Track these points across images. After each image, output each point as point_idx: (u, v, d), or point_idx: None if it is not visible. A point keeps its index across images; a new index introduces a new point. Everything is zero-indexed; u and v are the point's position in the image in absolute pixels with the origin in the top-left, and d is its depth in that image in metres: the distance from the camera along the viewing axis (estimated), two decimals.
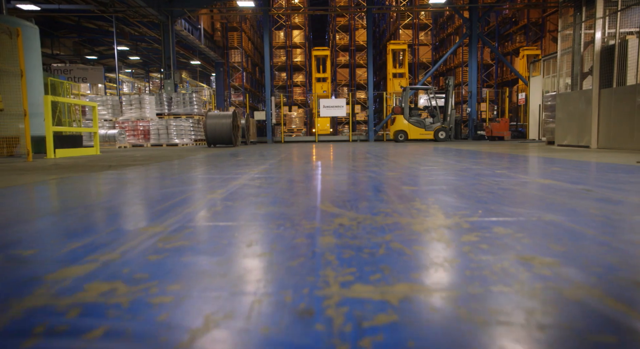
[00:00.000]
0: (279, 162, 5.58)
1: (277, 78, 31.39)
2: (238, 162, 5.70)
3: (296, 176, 3.66)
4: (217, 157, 7.20)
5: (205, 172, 4.06)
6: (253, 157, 7.03)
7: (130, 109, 16.27)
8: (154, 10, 18.10)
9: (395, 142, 17.35)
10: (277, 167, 4.76)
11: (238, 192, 2.63)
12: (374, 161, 5.56)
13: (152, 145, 16.01)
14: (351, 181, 3.24)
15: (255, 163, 5.52)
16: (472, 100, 19.78)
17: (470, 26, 19.39)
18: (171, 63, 19.69)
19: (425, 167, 4.41)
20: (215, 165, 5.03)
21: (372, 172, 3.98)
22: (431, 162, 5.06)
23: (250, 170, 4.36)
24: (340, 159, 6.24)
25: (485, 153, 7.17)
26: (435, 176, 3.43)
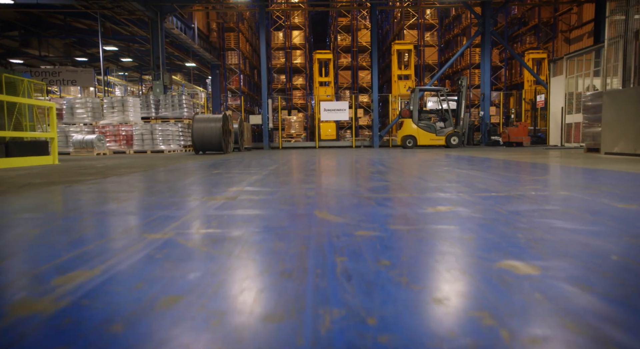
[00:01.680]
0: (264, 179, 4.07)
1: (276, 81, 29.98)
2: (209, 178, 4.20)
3: (278, 207, 2.18)
4: (191, 168, 5.73)
5: (149, 194, 2.59)
6: (236, 169, 5.54)
7: (112, 112, 14.82)
8: (141, 5, 16.69)
9: (402, 148, 15.86)
10: (258, 186, 3.27)
11: (173, 245, 1.14)
12: (378, 182, 4.06)
13: (136, 151, 14.54)
14: (352, 227, 1.74)
15: (230, 181, 4.02)
16: (485, 103, 18.30)
17: (482, 23, 17.93)
18: (160, 63, 18.26)
19: (454, 189, 2.91)
20: (175, 183, 3.56)
21: (381, 205, 2.48)
22: (463, 180, 3.56)
23: (215, 193, 2.86)
24: (341, 174, 4.73)
25: (518, 165, 5.66)
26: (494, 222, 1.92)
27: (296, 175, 4.58)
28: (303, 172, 5.05)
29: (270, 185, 3.52)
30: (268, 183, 3.67)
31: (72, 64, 31.62)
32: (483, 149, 13.88)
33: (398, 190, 2.98)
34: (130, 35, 24.67)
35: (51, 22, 25.75)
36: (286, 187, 3.30)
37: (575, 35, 26.74)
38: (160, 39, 18.11)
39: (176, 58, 31.86)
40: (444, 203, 2.34)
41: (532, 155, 8.54)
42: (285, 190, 3.09)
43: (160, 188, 3.37)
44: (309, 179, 4.00)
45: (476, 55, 29.54)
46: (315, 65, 23.05)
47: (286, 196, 2.75)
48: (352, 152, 13.19)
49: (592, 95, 8.20)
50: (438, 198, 2.52)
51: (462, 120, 15.55)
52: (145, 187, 3.46)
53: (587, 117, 8.43)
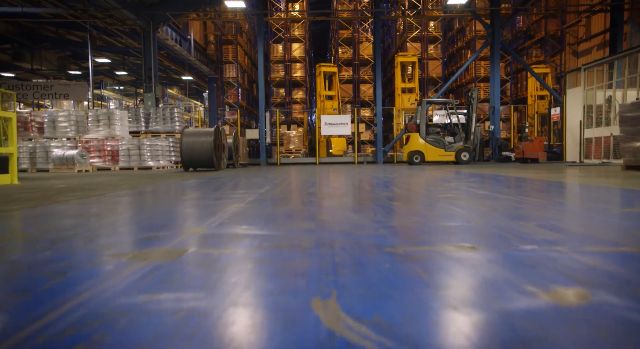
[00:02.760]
0: (245, 211, 2.99)
1: (275, 95, 29.10)
2: (173, 208, 3.12)
3: (247, 284, 1.10)
4: (163, 191, 4.65)
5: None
6: (218, 192, 4.47)
7: (97, 126, 13.80)
8: (132, 14, 15.83)
9: (409, 164, 14.80)
10: (232, 225, 2.19)
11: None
12: (401, 218, 2.98)
13: (122, 168, 13.48)
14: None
15: (199, 213, 2.94)
16: (495, 116, 17.31)
17: (492, 33, 17.04)
18: (152, 74, 17.34)
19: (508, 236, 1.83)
20: (119, 215, 2.48)
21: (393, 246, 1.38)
22: (500, 207, 2.47)
23: (159, 240, 1.77)
24: (347, 203, 3.66)
25: (562, 189, 4.58)
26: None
27: (290, 203, 3.49)
28: (299, 198, 3.96)
29: (250, 221, 2.43)
30: (248, 217, 2.58)
31: (66, 78, 30.84)
32: (497, 166, 12.81)
33: (437, 239, 1.89)
34: (124, 47, 23.85)
35: (44, 34, 24.98)
36: (271, 227, 2.21)
37: (583, 48, 25.93)
38: (153, 49, 17.21)
39: (173, 72, 31.05)
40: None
41: (561, 174, 7.45)
42: (269, 235, 1.99)
43: (85, 229, 2.27)
44: (306, 211, 2.90)
45: (481, 68, 28.73)
46: (319, 79, 22.17)
47: (267, 251, 1.65)
48: (355, 169, 12.12)
49: (632, 105, 7.17)
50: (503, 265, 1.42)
51: (473, 135, 14.52)
52: (67, 226, 2.36)
53: (626, 130, 7.38)
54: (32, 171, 13.14)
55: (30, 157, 13.18)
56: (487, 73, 28.80)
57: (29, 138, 13.58)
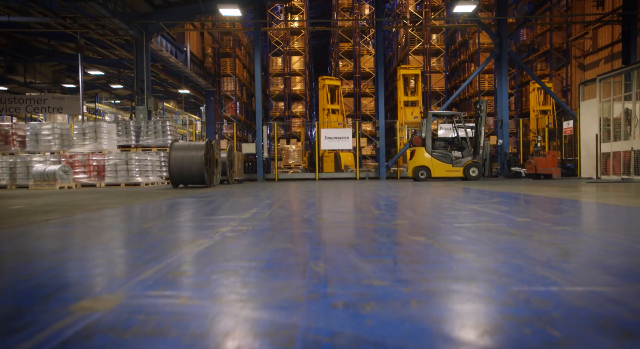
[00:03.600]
0: (215, 247, 2.12)
1: (275, 109, 28.41)
2: (119, 242, 2.25)
3: None
4: (130, 215, 3.79)
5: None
6: (193, 217, 3.60)
7: (83, 140, 12.99)
8: (124, 23, 15.15)
9: (414, 180, 13.94)
10: (191, 269, 1.33)
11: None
12: (407, 251, 2.10)
13: (108, 184, 12.62)
14: None
15: (158, 247, 2.07)
16: (504, 130, 16.50)
17: (499, 43, 16.32)
18: (145, 87, 16.62)
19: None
20: (46, 256, 1.63)
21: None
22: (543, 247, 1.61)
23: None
24: (351, 233, 2.78)
25: (617, 212, 3.72)
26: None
27: (275, 237, 2.61)
28: (289, 228, 3.08)
29: (205, 275, 1.55)
30: (206, 267, 1.70)
31: (61, 91, 30.21)
32: (509, 182, 11.94)
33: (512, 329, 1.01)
34: (118, 60, 23.21)
35: (37, 47, 24.42)
36: (230, 295, 1.33)
37: (590, 61, 25.29)
38: (146, 60, 16.51)
39: (170, 86, 30.44)
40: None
41: (594, 193, 6.58)
42: (221, 314, 1.12)
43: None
44: (294, 255, 2.03)
45: (485, 81, 28.10)
46: (322, 92, 21.49)
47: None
48: (357, 186, 11.25)
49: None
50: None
51: (482, 149, 13.68)
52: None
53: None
54: (12, 187, 12.29)
55: (10, 172, 12.34)
56: (492, 86, 28.14)
57: (10, 153, 12.76)
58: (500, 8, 16.28)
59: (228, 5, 13.18)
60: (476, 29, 27.35)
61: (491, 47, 28.29)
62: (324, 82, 22.09)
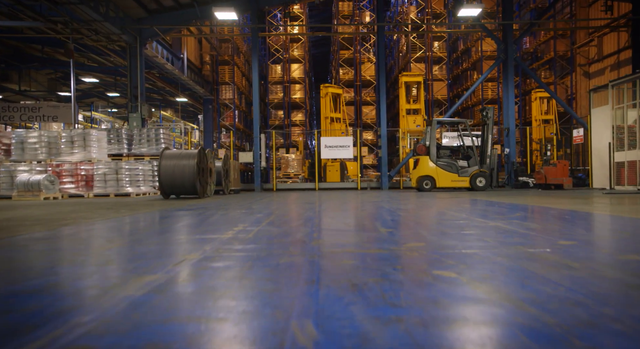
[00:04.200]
0: (174, 282, 1.48)
1: (274, 117, 27.89)
2: (54, 271, 1.63)
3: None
4: (84, 233, 3.17)
5: None
6: (168, 235, 2.98)
7: (72, 148, 12.40)
8: (116, 28, 14.65)
9: (418, 190, 13.32)
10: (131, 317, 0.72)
11: None
12: (432, 293, 1.45)
13: (97, 195, 11.99)
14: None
15: (110, 274, 1.42)
16: (510, 138, 15.90)
17: (504, 49, 15.79)
18: (139, 93, 16.08)
19: None
20: None
21: None
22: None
23: None
24: (346, 251, 2.14)
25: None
26: None
27: (259, 267, 1.98)
28: (278, 254, 2.44)
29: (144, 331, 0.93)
30: (150, 315, 1.07)
31: (56, 99, 29.73)
32: (519, 193, 11.31)
33: None
34: (114, 67, 22.72)
35: (32, 54, 23.97)
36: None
37: (595, 69, 24.80)
38: (140, 66, 16.00)
39: (168, 94, 29.95)
40: None
41: (614, 205, 5.95)
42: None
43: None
44: (277, 309, 1.40)
45: (488, 90, 27.59)
46: (324, 100, 20.97)
47: None
48: (359, 197, 10.62)
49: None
50: None
51: (489, 158, 13.07)
52: None
53: None
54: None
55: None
56: (495, 95, 27.63)
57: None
58: (505, 13, 15.78)
59: (224, 9, 12.67)
60: (479, 36, 26.92)
61: (494, 55, 27.85)
62: (327, 89, 21.58)
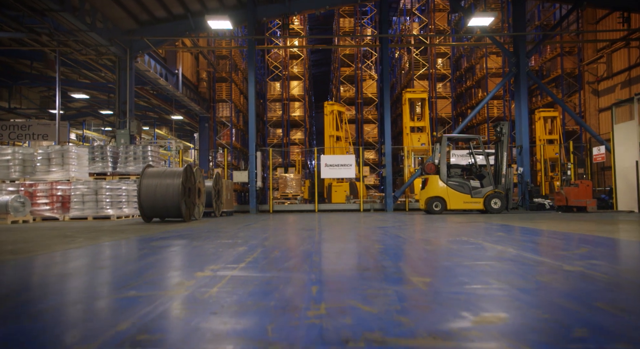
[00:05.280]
0: None
1: (272, 135, 26.93)
2: None
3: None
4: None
5: None
6: (96, 284, 1.88)
7: (48, 166, 11.33)
8: (104, 39, 13.77)
9: (426, 213, 12.21)
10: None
11: None
12: None
13: (73, 218, 10.86)
14: None
15: None
16: (524, 157, 14.86)
17: (516, 62, 14.88)
18: (127, 109, 15.12)
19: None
20: None
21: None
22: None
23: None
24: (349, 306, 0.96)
25: None
26: None
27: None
28: (263, 321, 1.31)
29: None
30: None
31: (48, 118, 28.85)
32: (541, 216, 10.18)
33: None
34: (105, 82, 21.87)
35: (23, 71, 23.15)
36: None
37: (604, 86, 23.97)
38: (130, 80, 15.07)
39: (164, 112, 29.07)
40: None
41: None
42: None
43: None
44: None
45: (494, 108, 26.71)
46: (328, 117, 20.13)
47: None
48: (363, 220, 9.50)
49: None
50: None
51: (505, 178, 12.00)
52: None
53: None
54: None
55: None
56: (501, 113, 26.75)
57: None
58: (517, 24, 14.93)
59: (217, 17, 11.79)
60: (483, 53, 26.19)
61: (499, 72, 27.08)
62: (333, 107, 20.76)
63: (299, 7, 15.14)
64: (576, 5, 15.44)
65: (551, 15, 26.71)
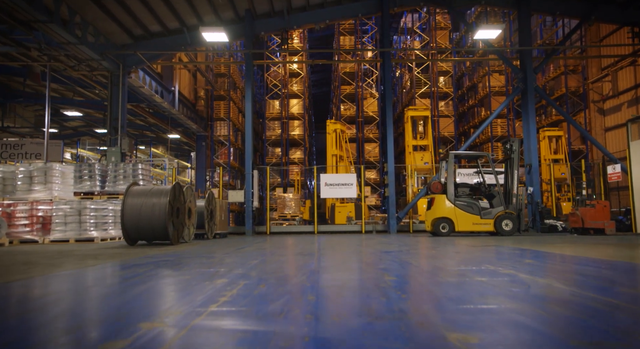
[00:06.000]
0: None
1: (271, 155, 26.28)
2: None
3: None
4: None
5: None
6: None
7: (30, 185, 10.63)
8: (96, 53, 13.25)
9: (433, 235, 11.44)
10: None
11: None
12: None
13: (54, 240, 10.09)
14: None
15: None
16: (533, 176, 14.16)
17: (523, 78, 14.31)
18: (119, 125, 14.51)
19: None
20: None
21: None
22: None
23: None
24: None
25: None
26: None
27: None
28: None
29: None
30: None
31: (43, 137, 28.27)
32: (559, 238, 9.41)
33: None
34: (100, 100, 21.34)
35: (17, 89, 22.66)
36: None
37: (610, 105, 23.45)
38: (122, 96, 14.50)
39: (161, 131, 28.52)
40: None
41: None
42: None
43: None
44: None
45: (498, 126, 26.11)
46: (331, 136, 19.57)
47: None
48: (366, 243, 8.73)
49: None
50: None
51: (516, 197, 11.26)
52: None
53: None
54: None
55: None
56: (504, 132, 26.16)
57: None
58: (522, 38, 14.43)
59: (212, 29, 11.26)
60: (486, 71, 25.77)
61: (502, 91, 26.61)
62: (335, 125, 20.22)
63: (299, 22, 14.68)
64: (584, 20, 14.98)
65: (553, 34, 26.41)
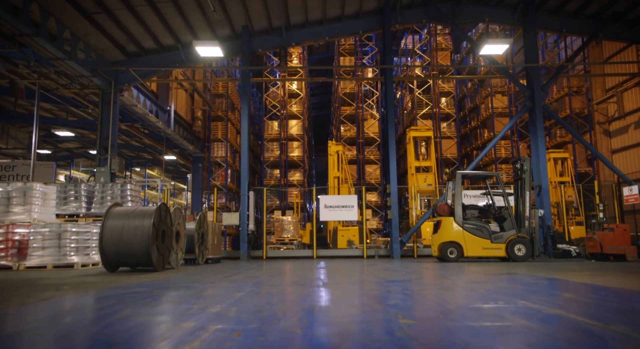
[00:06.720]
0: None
1: (269, 176, 25.61)
2: None
3: None
4: None
5: None
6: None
7: (7, 207, 9.92)
8: (86, 70, 12.74)
9: (440, 260, 10.67)
10: None
11: None
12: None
13: (30, 266, 9.30)
14: None
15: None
16: (543, 198, 13.45)
17: (530, 96, 13.78)
18: (109, 145, 13.91)
19: None
20: None
21: None
22: None
23: None
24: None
25: None
26: None
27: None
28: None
29: None
30: None
31: (38, 158, 27.65)
32: (578, 266, 8.64)
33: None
34: (93, 120, 20.79)
35: (8, 109, 22.17)
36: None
37: (616, 126, 22.91)
38: (113, 114, 13.95)
39: (158, 152, 27.94)
40: None
41: None
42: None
43: None
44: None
45: (502, 148, 25.53)
46: (332, 158, 18.94)
47: None
48: (368, 269, 7.96)
49: None
50: None
51: (528, 220, 10.54)
52: None
53: None
54: None
55: None
56: (509, 153, 25.58)
57: None
58: (529, 54, 13.96)
59: (206, 43, 10.77)
60: (488, 92, 25.37)
61: (505, 111, 26.16)
62: (337, 147, 19.61)
63: (297, 39, 14.25)
64: (591, 37, 14.56)
65: (556, 56, 26.14)
